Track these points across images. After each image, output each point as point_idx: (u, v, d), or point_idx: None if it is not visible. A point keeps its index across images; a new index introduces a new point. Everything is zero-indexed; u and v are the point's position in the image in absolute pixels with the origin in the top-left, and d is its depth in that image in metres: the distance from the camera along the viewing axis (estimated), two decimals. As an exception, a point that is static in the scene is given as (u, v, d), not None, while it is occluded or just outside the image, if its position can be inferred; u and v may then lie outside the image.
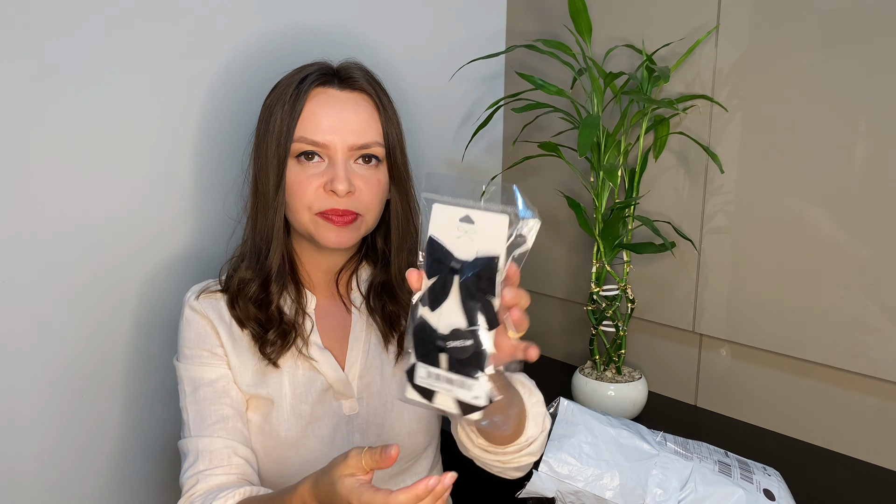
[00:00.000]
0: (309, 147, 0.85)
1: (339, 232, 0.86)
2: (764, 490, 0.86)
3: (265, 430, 0.88)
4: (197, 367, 0.88)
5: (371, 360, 0.93)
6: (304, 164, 0.86)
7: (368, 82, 0.89)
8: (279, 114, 0.85)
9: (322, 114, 0.85)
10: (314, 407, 0.89)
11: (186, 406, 0.88)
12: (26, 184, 0.97)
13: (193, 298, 0.90)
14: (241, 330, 0.89)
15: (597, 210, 1.20)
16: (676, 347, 1.31)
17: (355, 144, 0.86)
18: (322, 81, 0.87)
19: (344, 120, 0.85)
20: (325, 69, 0.89)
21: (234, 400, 0.88)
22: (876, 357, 1.05)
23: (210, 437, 0.84)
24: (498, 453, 0.81)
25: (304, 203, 0.85)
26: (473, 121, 1.47)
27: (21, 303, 0.99)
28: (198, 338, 0.88)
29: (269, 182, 0.86)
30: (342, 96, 0.87)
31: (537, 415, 0.82)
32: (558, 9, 1.38)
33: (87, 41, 0.99)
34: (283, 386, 0.89)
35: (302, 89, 0.86)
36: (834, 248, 1.07)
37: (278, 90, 0.89)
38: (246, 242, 0.91)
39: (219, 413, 0.86)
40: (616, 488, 0.84)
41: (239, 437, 0.86)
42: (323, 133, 0.85)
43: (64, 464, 1.06)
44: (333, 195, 0.84)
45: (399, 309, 0.93)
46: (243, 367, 0.89)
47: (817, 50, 1.06)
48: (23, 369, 1.01)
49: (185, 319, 0.90)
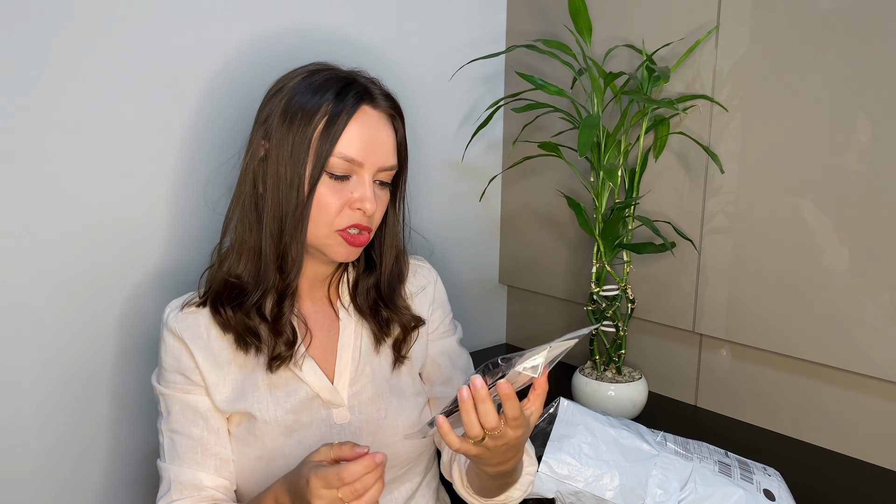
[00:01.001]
0: (345, 165, 0.83)
1: (350, 249, 0.86)
2: (764, 490, 0.86)
3: (250, 441, 0.87)
4: (171, 392, 0.87)
5: (362, 366, 0.93)
6: (333, 179, 0.84)
7: (394, 105, 0.89)
8: (315, 124, 0.82)
9: (361, 133, 0.84)
10: (299, 416, 0.88)
11: (161, 428, 0.88)
12: (24, 184, 0.97)
13: (171, 317, 0.88)
14: (222, 340, 0.87)
15: (597, 210, 1.20)
16: (676, 347, 1.31)
17: (384, 166, 0.86)
18: (366, 100, 0.85)
19: (378, 142, 0.85)
20: (360, 87, 0.86)
21: (208, 424, 0.87)
22: (876, 357, 1.05)
23: (180, 467, 0.85)
24: (480, 500, 0.90)
25: (327, 219, 0.84)
26: (473, 121, 1.47)
27: (19, 302, 0.99)
28: (173, 360, 0.87)
29: (293, 193, 0.82)
30: (376, 116, 0.86)
31: (525, 482, 0.88)
32: (558, 9, 1.38)
33: (86, 41, 0.99)
34: (263, 397, 0.87)
35: (345, 105, 0.83)
36: (834, 248, 1.07)
37: (304, 96, 0.84)
38: (234, 244, 0.87)
39: (188, 443, 0.86)
40: (616, 489, 0.84)
41: (209, 466, 0.86)
42: (359, 152, 0.84)
43: (63, 464, 1.06)
44: (358, 212, 0.84)
45: (391, 310, 0.94)
46: (221, 383, 0.87)
47: (817, 50, 1.06)
48: (22, 369, 1.01)
49: (163, 340, 0.88)
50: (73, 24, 0.98)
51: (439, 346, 1.00)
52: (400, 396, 0.93)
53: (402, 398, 0.93)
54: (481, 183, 1.50)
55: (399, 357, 0.95)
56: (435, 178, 1.44)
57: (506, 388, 0.68)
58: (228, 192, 0.92)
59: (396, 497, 0.94)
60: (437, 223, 1.46)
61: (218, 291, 0.87)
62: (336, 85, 0.84)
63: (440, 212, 1.47)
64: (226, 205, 0.90)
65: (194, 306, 0.89)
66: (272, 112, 0.85)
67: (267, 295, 0.87)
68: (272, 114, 0.85)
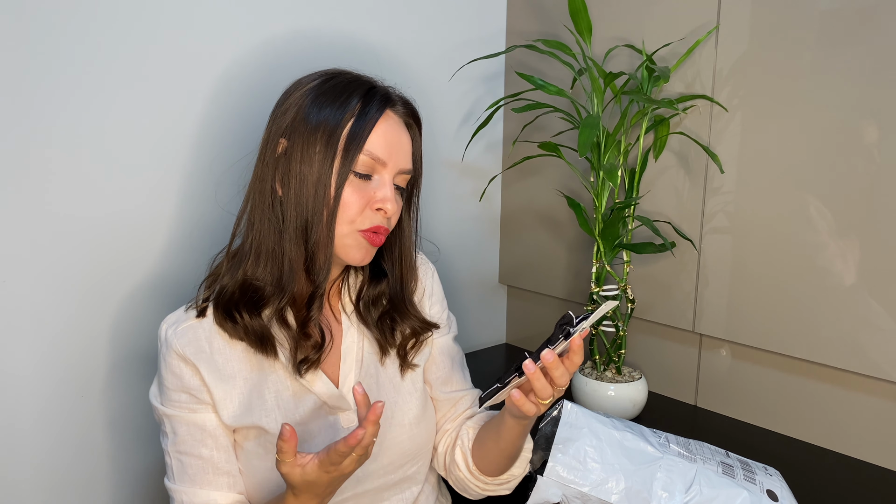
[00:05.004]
0: (371, 164, 0.84)
1: (368, 250, 0.86)
2: (767, 490, 0.86)
3: (261, 454, 0.86)
4: (177, 413, 0.85)
5: (366, 369, 0.92)
6: (358, 179, 0.84)
7: (414, 112, 0.90)
8: (345, 123, 0.83)
9: (388, 133, 0.85)
10: (307, 425, 0.88)
11: (168, 449, 0.86)
12: (24, 184, 0.97)
13: (170, 335, 0.85)
14: (227, 352, 0.85)
15: (597, 210, 1.20)
16: (676, 347, 1.31)
17: (404, 168, 0.87)
18: (389, 104, 0.86)
19: (402, 143, 0.86)
20: (384, 92, 0.87)
21: (217, 442, 0.85)
22: (876, 357, 1.05)
23: (192, 488, 0.84)
24: (484, 481, 0.94)
25: (349, 217, 0.83)
26: (473, 121, 1.47)
27: (20, 304, 0.99)
28: (177, 380, 0.85)
29: (319, 192, 0.82)
30: (398, 120, 0.87)
31: (524, 459, 0.94)
32: (558, 9, 1.37)
33: (86, 41, 0.98)
34: (270, 410, 0.86)
35: (374, 105, 0.84)
36: (834, 247, 1.07)
37: (326, 95, 0.84)
38: (248, 249, 0.85)
39: (198, 464, 0.84)
40: (621, 492, 0.84)
41: (222, 484, 0.85)
42: (386, 151, 0.84)
43: (61, 464, 1.06)
44: (379, 213, 0.85)
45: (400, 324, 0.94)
46: (227, 398, 0.85)
47: (817, 50, 1.06)
48: (22, 371, 1.00)
49: (163, 360, 0.85)
50: (78, 22, 0.97)
51: (439, 343, 1.00)
52: (405, 395, 0.93)
53: (408, 397, 0.93)
54: (481, 183, 1.50)
55: (407, 364, 0.94)
56: (435, 178, 1.44)
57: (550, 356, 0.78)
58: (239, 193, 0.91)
59: (407, 497, 0.94)
60: (436, 223, 1.46)
61: (232, 295, 0.85)
62: (361, 88, 0.86)
63: (440, 212, 1.47)
64: (236, 206, 0.88)
65: (193, 319, 0.86)
66: (290, 111, 0.84)
67: (292, 302, 0.86)
68: (291, 112, 0.84)
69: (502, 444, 0.89)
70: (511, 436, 0.88)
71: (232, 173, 1.12)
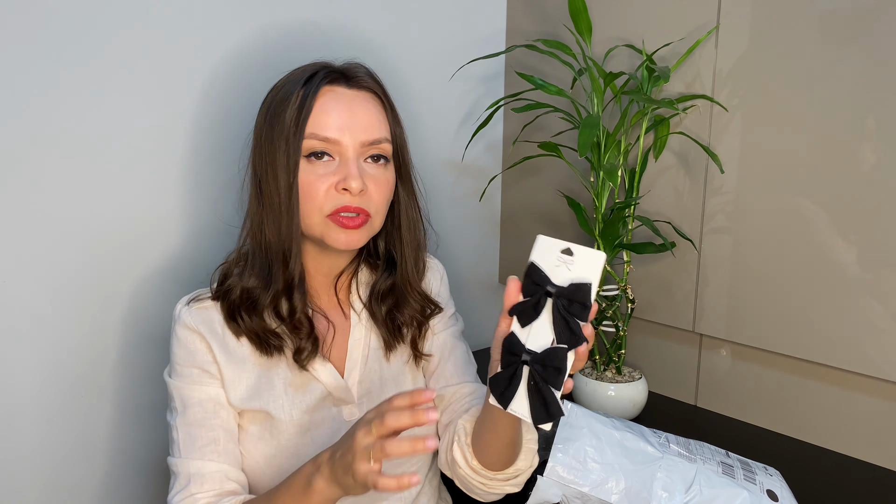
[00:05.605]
0: (321, 144, 0.83)
1: (349, 234, 0.84)
2: (767, 491, 0.87)
3: (265, 438, 0.87)
4: (188, 386, 0.86)
5: (370, 365, 0.93)
6: (315, 163, 0.83)
7: (375, 82, 0.89)
8: (287, 112, 0.83)
9: (332, 111, 0.84)
10: (313, 414, 0.89)
11: (176, 424, 0.86)
12: (22, 185, 0.97)
13: (184, 312, 0.87)
14: (236, 339, 0.87)
15: (597, 210, 1.20)
16: (676, 347, 1.31)
17: (367, 141, 0.85)
18: (330, 80, 0.86)
19: (355, 116, 0.84)
20: (330, 68, 0.87)
21: (224, 421, 0.86)
22: (876, 357, 1.05)
23: (202, 461, 0.83)
24: (488, 477, 0.86)
25: (316, 205, 0.83)
26: (473, 121, 1.47)
27: (21, 302, 0.99)
28: (189, 355, 0.86)
29: (278, 185, 0.83)
30: (351, 94, 0.86)
31: (529, 451, 0.86)
32: (558, 9, 1.37)
33: (85, 42, 0.98)
34: (278, 397, 0.87)
35: (311, 87, 0.84)
36: (834, 247, 1.07)
37: (282, 89, 0.86)
38: (248, 249, 0.88)
39: (210, 435, 0.85)
40: (621, 492, 0.84)
41: (231, 460, 0.85)
42: (334, 130, 0.83)
43: (61, 464, 1.06)
44: (346, 193, 0.83)
45: (405, 314, 0.93)
46: (237, 380, 0.87)
47: (817, 50, 1.06)
48: (21, 369, 1.00)
49: (176, 336, 0.87)
50: (80, 21, 0.97)
51: (437, 338, 1.00)
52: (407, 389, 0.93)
53: None
54: (481, 183, 1.50)
55: (419, 354, 0.95)
56: (435, 178, 1.44)
57: None
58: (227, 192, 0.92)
59: (406, 496, 0.94)
60: (436, 223, 1.45)
61: (235, 299, 0.87)
62: (306, 72, 0.86)
63: (440, 211, 1.47)
64: (224, 205, 0.89)
65: (207, 300, 0.88)
66: (259, 112, 0.88)
67: (280, 295, 0.87)
68: (259, 114, 0.88)
69: (500, 430, 0.81)
70: (507, 417, 0.80)
71: (232, 174, 1.12)
